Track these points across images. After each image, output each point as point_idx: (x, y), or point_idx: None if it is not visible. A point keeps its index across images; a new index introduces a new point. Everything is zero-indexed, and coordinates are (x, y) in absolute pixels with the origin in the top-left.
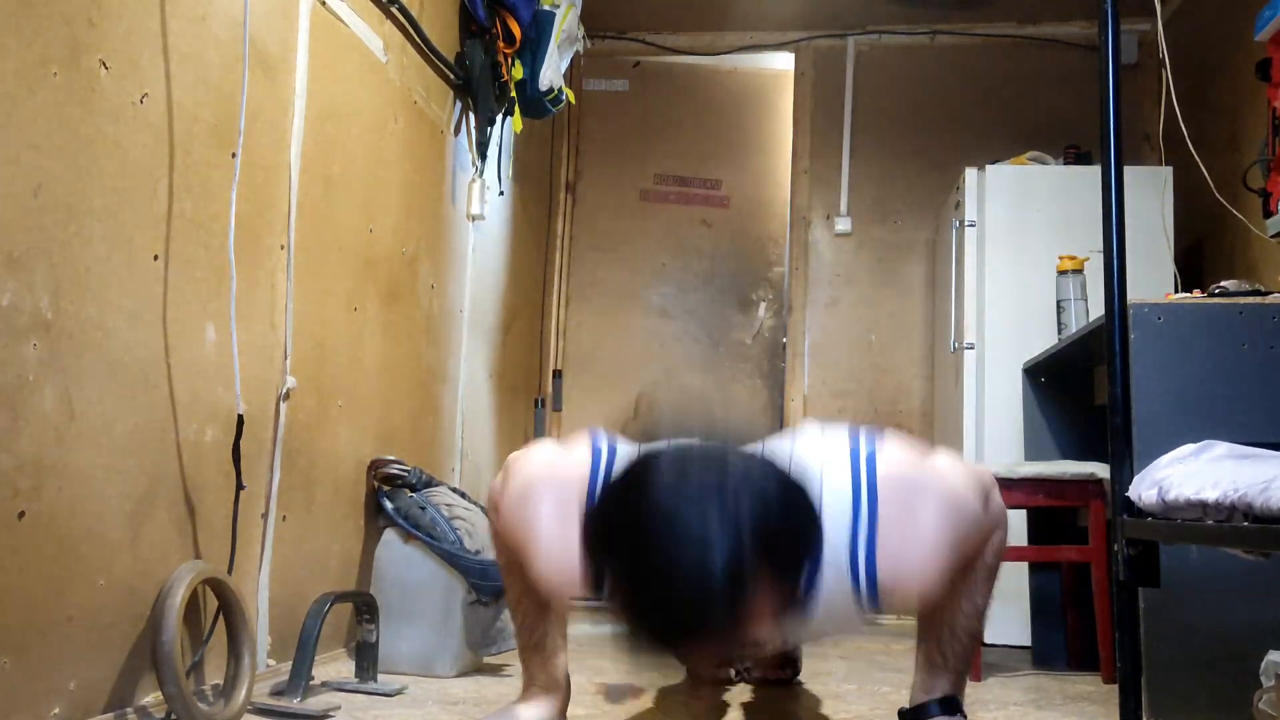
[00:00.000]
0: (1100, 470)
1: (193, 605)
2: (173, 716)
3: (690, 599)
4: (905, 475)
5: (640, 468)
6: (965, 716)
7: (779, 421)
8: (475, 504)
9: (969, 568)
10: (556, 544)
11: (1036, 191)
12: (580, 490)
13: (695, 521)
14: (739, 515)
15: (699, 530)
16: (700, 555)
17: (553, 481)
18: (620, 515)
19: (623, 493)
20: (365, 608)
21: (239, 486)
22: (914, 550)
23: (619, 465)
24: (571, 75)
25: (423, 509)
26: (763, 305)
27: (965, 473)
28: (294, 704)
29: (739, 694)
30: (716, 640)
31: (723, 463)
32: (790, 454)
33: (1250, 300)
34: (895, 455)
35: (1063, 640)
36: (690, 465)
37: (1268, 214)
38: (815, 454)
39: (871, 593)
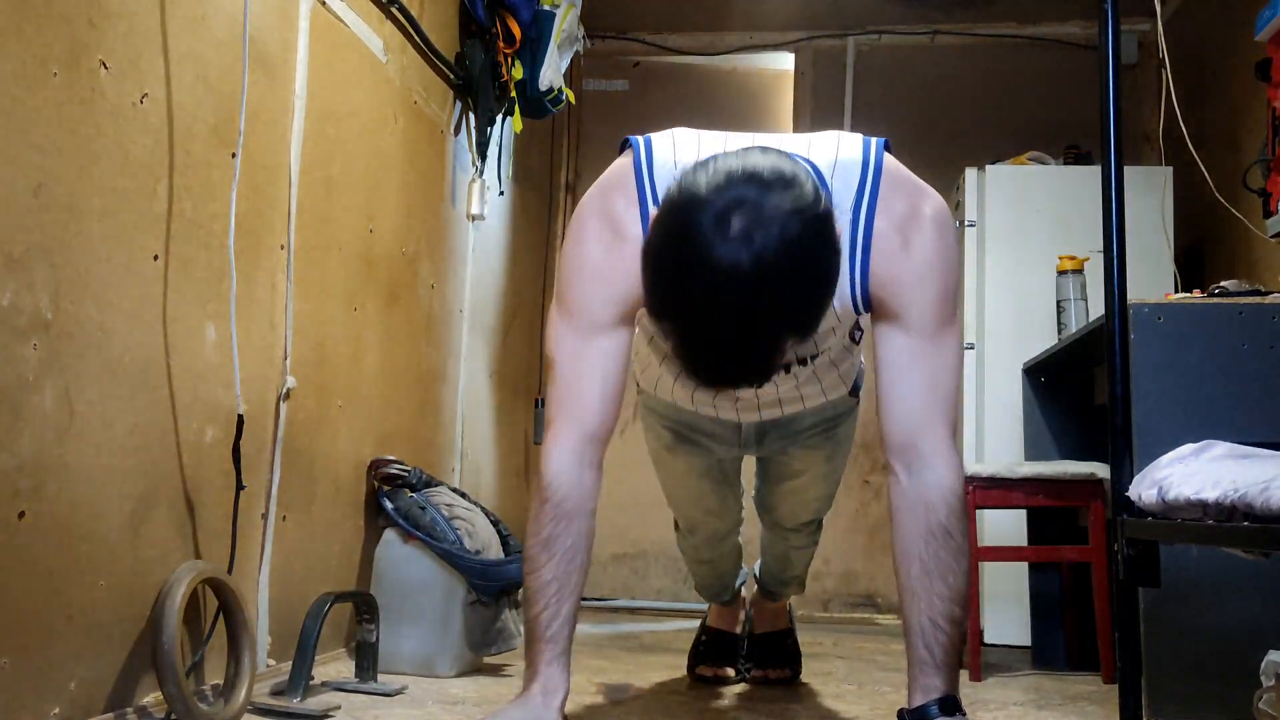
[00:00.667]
0: (1100, 470)
1: (193, 605)
2: (173, 716)
3: (730, 348)
4: (907, 172)
5: (682, 198)
6: (965, 715)
7: None
8: (475, 504)
9: (930, 530)
10: (626, 237)
11: (1036, 191)
12: (630, 185)
13: (737, 290)
14: (777, 292)
15: (739, 299)
16: (738, 309)
17: (602, 190)
18: (670, 274)
19: (667, 235)
20: (365, 608)
21: (239, 486)
22: (907, 228)
23: (657, 157)
24: (571, 75)
25: (423, 509)
26: None
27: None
28: (294, 704)
29: (739, 694)
30: (748, 383)
31: (758, 187)
32: (809, 145)
33: (1250, 300)
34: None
35: (1063, 640)
36: (726, 198)
37: (1268, 214)
38: (830, 142)
39: (865, 254)
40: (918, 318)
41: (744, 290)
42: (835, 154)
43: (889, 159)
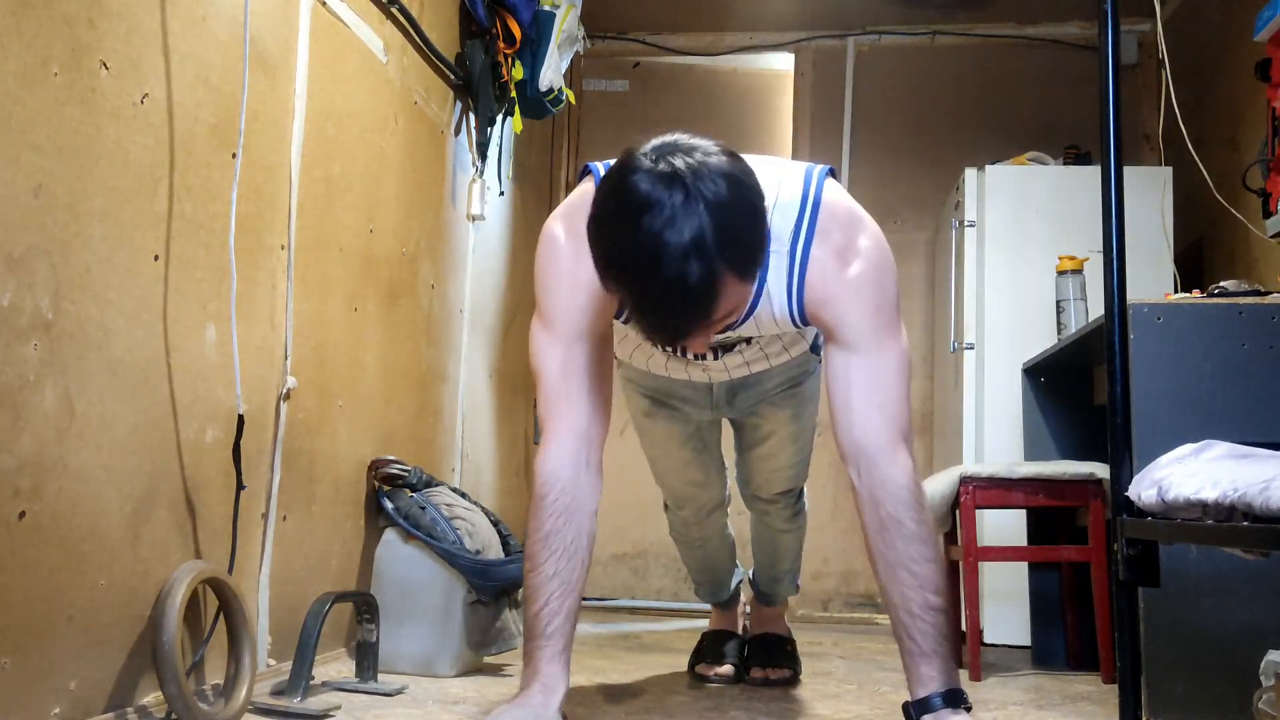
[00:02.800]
0: (1100, 470)
1: (193, 605)
2: (173, 716)
3: (672, 280)
4: (846, 203)
5: (623, 160)
6: (970, 708)
7: None
8: (475, 504)
9: (882, 523)
10: (575, 242)
11: (1036, 191)
12: (589, 194)
13: (665, 209)
14: (702, 203)
15: (670, 217)
16: (675, 244)
17: (565, 214)
18: (610, 237)
19: (606, 184)
20: (365, 608)
21: (239, 486)
22: (842, 255)
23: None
24: (571, 75)
25: (423, 509)
26: None
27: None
28: (294, 703)
29: (739, 694)
30: (699, 327)
31: (690, 152)
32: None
33: (1250, 300)
34: (839, 190)
35: (1062, 640)
36: (663, 156)
37: (1267, 214)
38: (774, 172)
39: (800, 285)
40: (854, 330)
41: (675, 220)
42: (776, 193)
43: (829, 191)
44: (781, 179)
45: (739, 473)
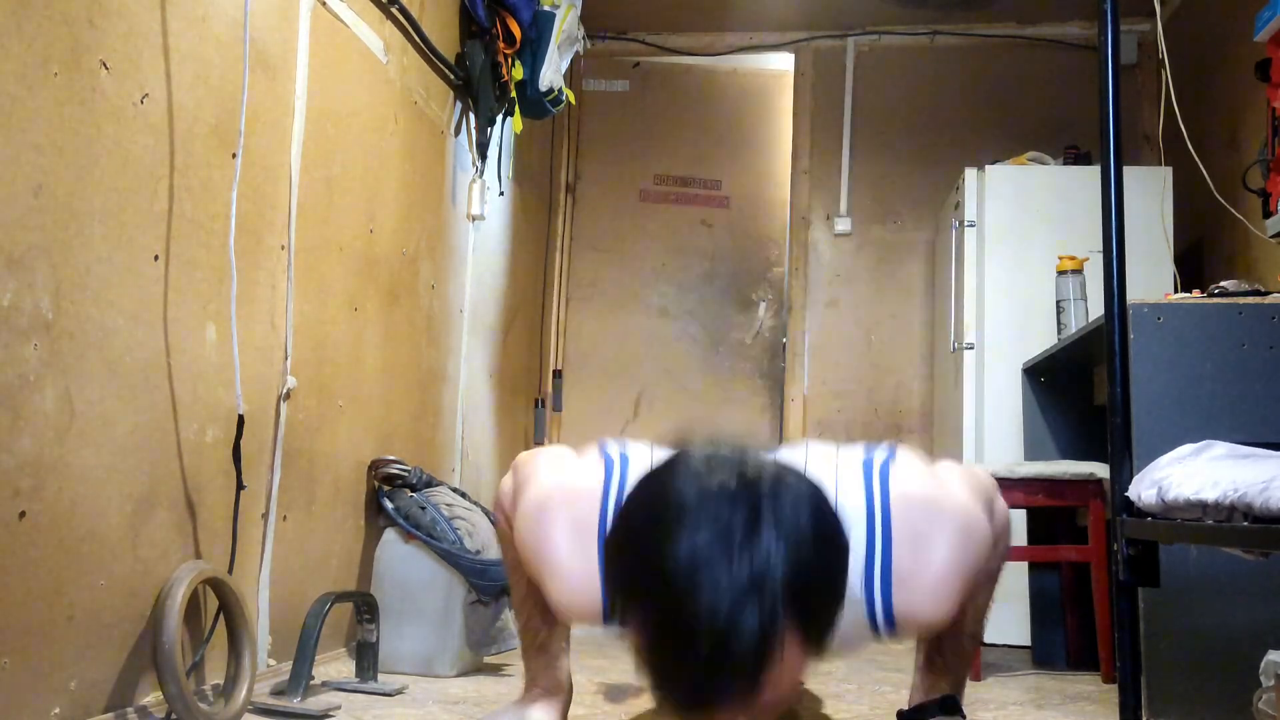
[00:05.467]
0: (1100, 470)
1: (193, 605)
2: (173, 716)
3: (713, 665)
4: (919, 498)
5: (657, 485)
6: (965, 717)
7: (779, 421)
8: (475, 504)
9: (976, 582)
10: (573, 571)
11: (1036, 191)
12: (594, 508)
13: (721, 571)
14: (768, 564)
15: (725, 582)
16: (726, 615)
17: (566, 499)
18: (640, 553)
19: (643, 525)
20: (365, 607)
21: (239, 486)
22: (930, 584)
23: (632, 477)
24: (571, 75)
25: (423, 509)
26: (762, 305)
27: (970, 485)
28: (294, 703)
29: None
30: (737, 704)
31: (745, 487)
32: (804, 467)
33: (1250, 300)
34: (908, 474)
35: (1062, 640)
36: (709, 492)
37: (1267, 214)
38: (828, 466)
39: (889, 625)
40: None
41: (730, 544)
42: (834, 501)
43: (895, 482)
44: (838, 479)
45: None
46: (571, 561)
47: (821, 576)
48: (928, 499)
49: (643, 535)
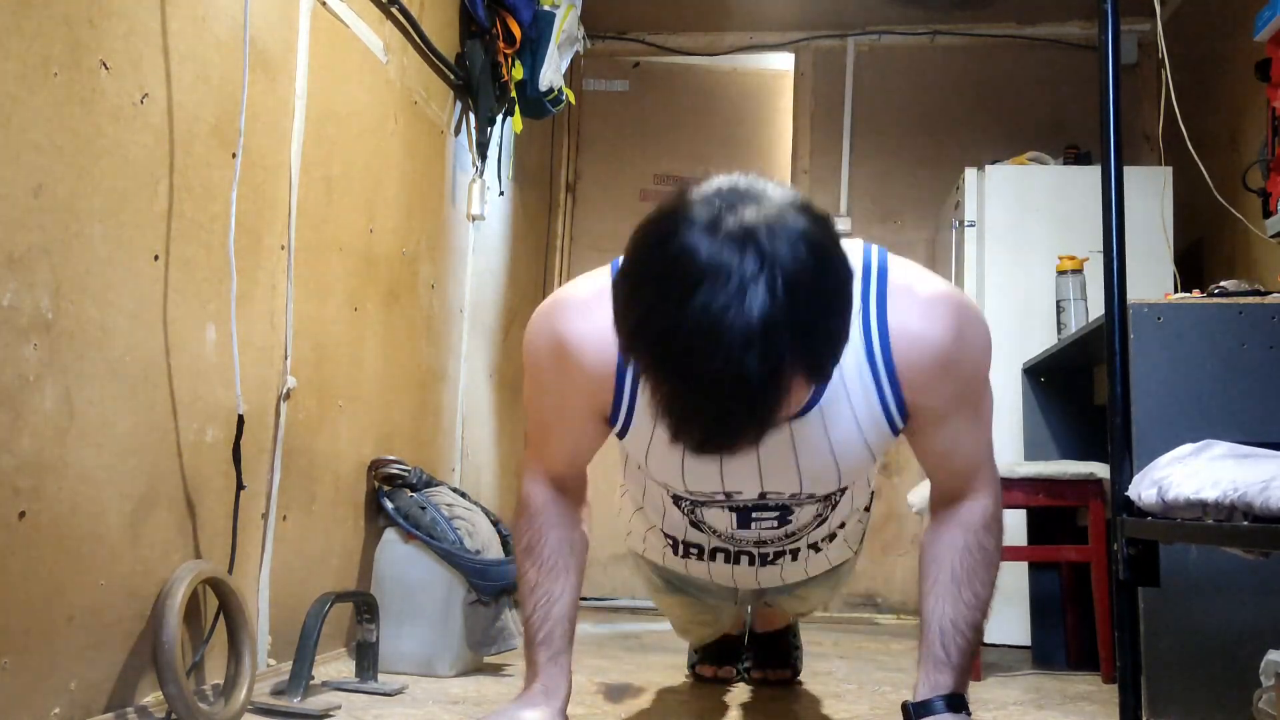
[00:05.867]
0: (1100, 470)
1: (193, 605)
2: (173, 716)
3: (730, 373)
4: (913, 268)
5: (670, 205)
6: (970, 714)
7: None
8: (475, 504)
9: (967, 544)
10: (587, 329)
11: (1036, 191)
12: (603, 277)
13: (727, 311)
14: (776, 270)
15: (736, 289)
16: (738, 351)
17: (573, 287)
18: (650, 301)
19: (650, 271)
20: (365, 607)
21: (239, 486)
22: (922, 304)
23: None
24: (571, 75)
25: (423, 509)
26: None
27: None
28: (294, 703)
29: (739, 694)
30: (751, 436)
31: (753, 231)
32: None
33: (1250, 300)
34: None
35: (1062, 640)
36: (722, 204)
37: (1267, 214)
38: None
39: (887, 358)
40: (965, 407)
41: (743, 296)
42: None
43: (893, 256)
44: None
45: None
46: (584, 322)
47: (823, 312)
48: (923, 271)
49: (651, 281)
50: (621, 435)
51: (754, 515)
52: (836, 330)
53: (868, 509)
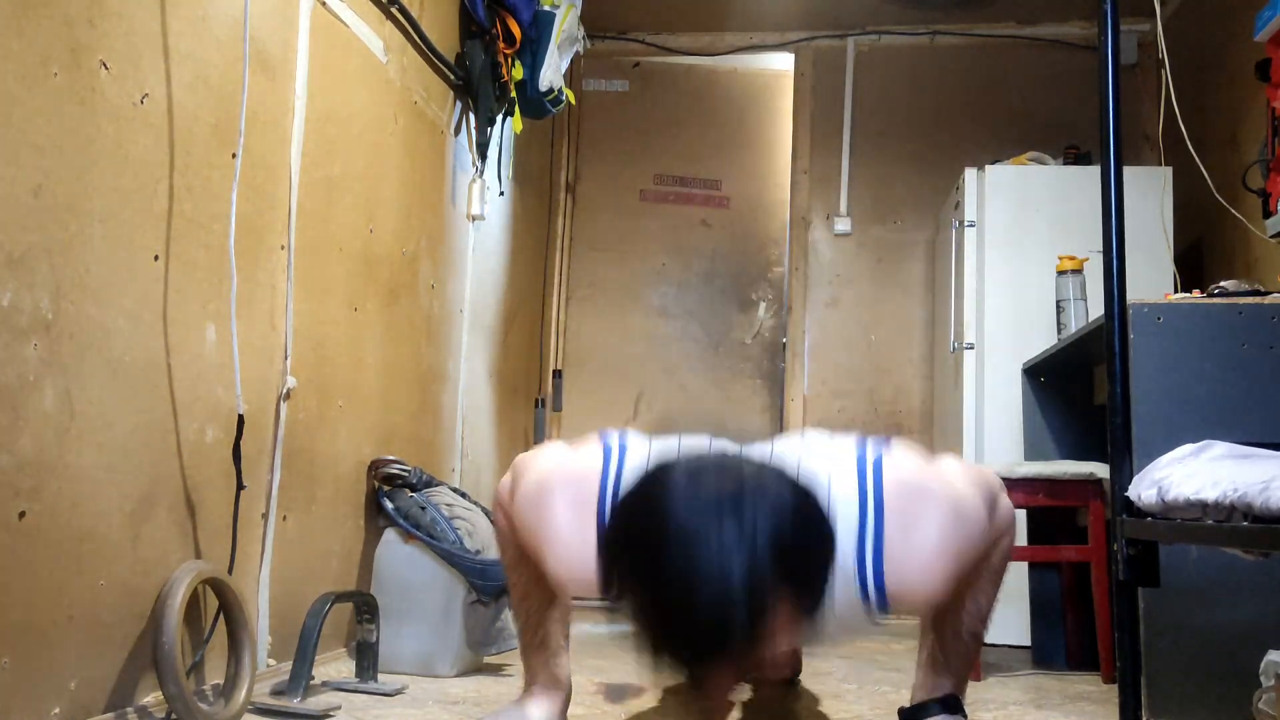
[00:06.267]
0: (1100, 470)
1: (193, 605)
2: (173, 716)
3: (709, 620)
4: (911, 482)
5: (655, 477)
6: (966, 716)
7: (779, 421)
8: (475, 504)
9: (975, 571)
10: (573, 543)
11: (1036, 191)
12: (593, 487)
13: (713, 538)
14: (756, 530)
15: (716, 547)
16: (719, 574)
17: (566, 479)
18: (636, 529)
19: (638, 504)
20: (365, 608)
21: (239, 486)
22: (920, 559)
23: (630, 463)
24: (571, 75)
25: (423, 509)
26: (762, 305)
27: (971, 478)
28: (294, 703)
29: (739, 694)
30: (734, 660)
31: (737, 472)
32: (799, 461)
33: (1250, 300)
34: (901, 462)
35: (1062, 640)
36: (705, 475)
37: (1267, 214)
38: (823, 460)
39: (880, 600)
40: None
41: (721, 553)
42: (828, 491)
43: (889, 472)
44: (832, 474)
45: None
46: (570, 535)
47: (804, 544)
48: (919, 482)
49: (637, 519)
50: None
51: None
52: (818, 570)
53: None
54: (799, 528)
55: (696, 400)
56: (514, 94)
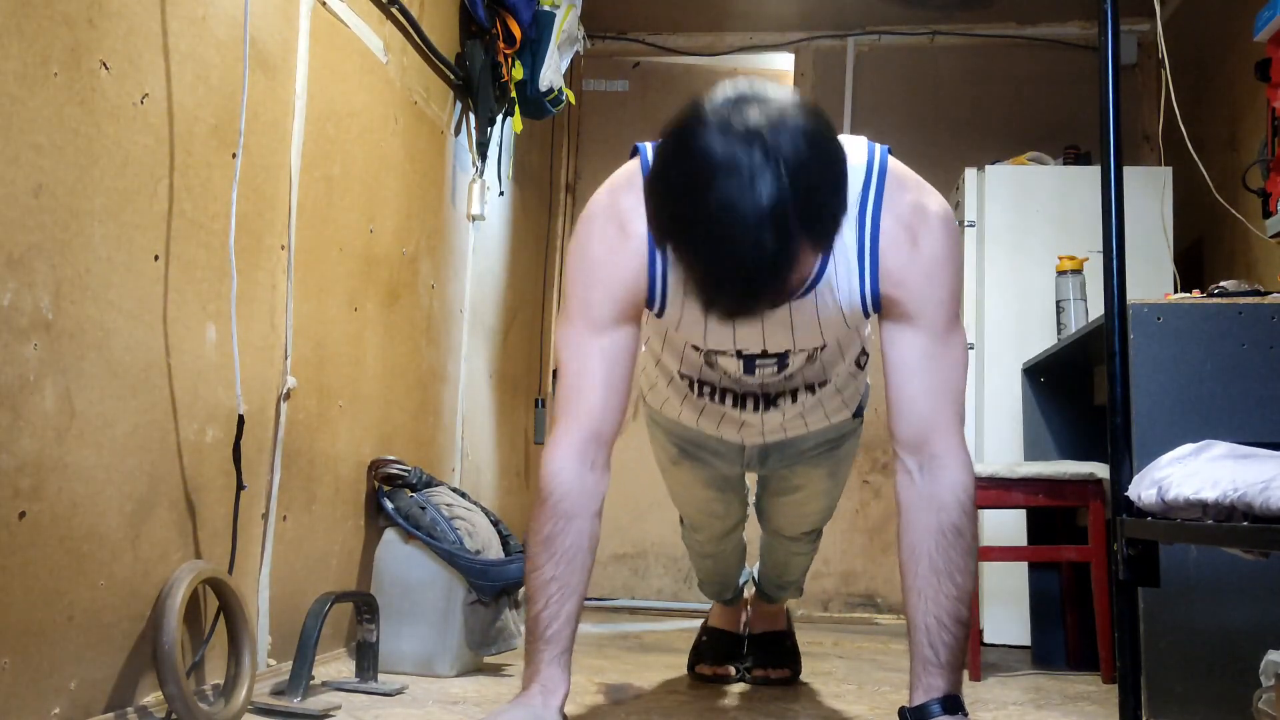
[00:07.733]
0: (1100, 470)
1: (193, 605)
2: (173, 716)
3: (748, 234)
4: (911, 177)
5: (689, 113)
6: (967, 715)
7: None
8: (475, 504)
9: (941, 528)
10: (637, 201)
11: (1036, 191)
12: (635, 168)
13: (743, 198)
14: (780, 189)
15: (747, 208)
16: (752, 198)
17: (619, 181)
18: (677, 200)
19: (673, 141)
20: (365, 608)
21: (239, 486)
22: (914, 211)
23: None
24: (571, 75)
25: (423, 509)
26: None
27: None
28: (294, 703)
29: (739, 694)
30: (768, 299)
31: (764, 107)
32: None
33: (1250, 300)
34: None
35: (1062, 640)
36: (735, 109)
37: (1267, 214)
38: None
39: (874, 252)
40: (929, 317)
41: (753, 184)
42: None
43: (892, 160)
44: (845, 145)
45: (759, 507)
46: (635, 201)
47: (826, 193)
48: (919, 181)
49: (677, 181)
50: (660, 314)
51: (757, 362)
52: (834, 207)
53: (862, 367)
54: (817, 181)
55: None
56: (514, 94)
